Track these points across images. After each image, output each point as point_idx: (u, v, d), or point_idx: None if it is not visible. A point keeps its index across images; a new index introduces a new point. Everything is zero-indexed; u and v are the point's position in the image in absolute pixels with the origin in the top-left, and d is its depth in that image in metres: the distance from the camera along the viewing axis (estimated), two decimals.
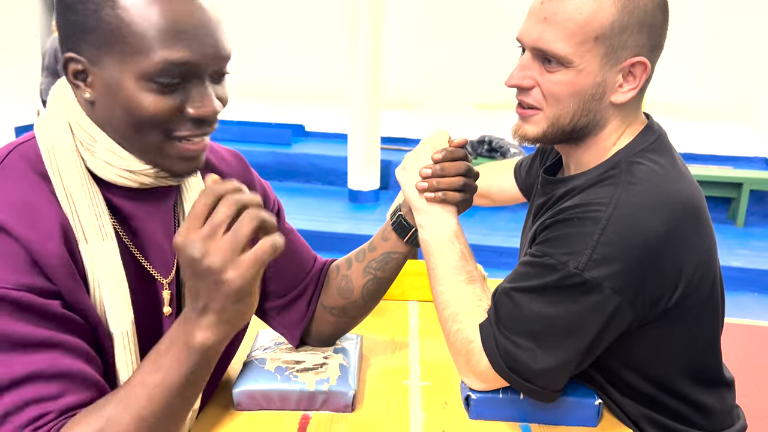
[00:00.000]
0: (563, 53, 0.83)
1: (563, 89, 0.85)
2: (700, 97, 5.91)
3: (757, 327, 3.24)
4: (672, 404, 0.91)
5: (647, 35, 0.84)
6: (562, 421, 0.90)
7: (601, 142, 0.91)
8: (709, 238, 0.88)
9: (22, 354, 0.64)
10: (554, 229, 0.86)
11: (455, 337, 0.90)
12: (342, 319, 1.01)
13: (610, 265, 0.80)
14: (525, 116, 0.91)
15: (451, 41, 6.08)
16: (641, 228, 0.80)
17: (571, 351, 0.83)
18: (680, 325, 0.87)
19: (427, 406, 0.93)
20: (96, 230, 0.71)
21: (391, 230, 0.98)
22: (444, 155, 0.91)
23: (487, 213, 4.71)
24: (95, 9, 0.66)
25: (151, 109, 0.68)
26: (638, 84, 0.86)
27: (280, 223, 0.99)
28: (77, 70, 0.69)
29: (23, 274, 0.65)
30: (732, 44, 5.75)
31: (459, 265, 0.91)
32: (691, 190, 0.87)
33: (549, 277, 0.83)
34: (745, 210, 4.67)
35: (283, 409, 0.91)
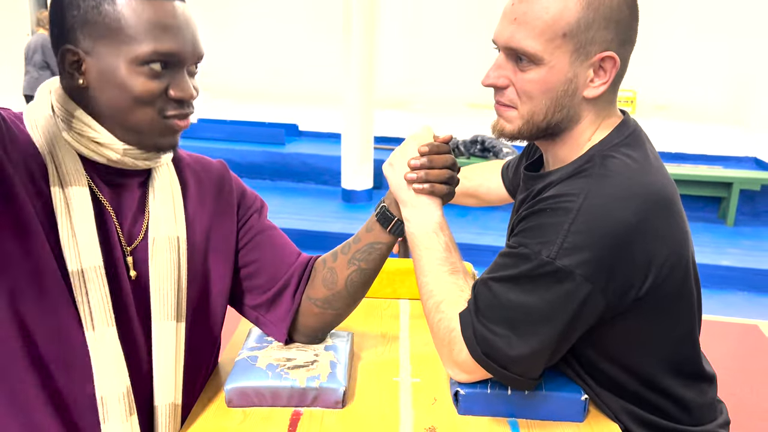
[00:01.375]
0: (533, 51, 0.86)
1: (536, 87, 0.88)
2: (690, 98, 5.95)
3: (746, 325, 3.27)
4: (651, 398, 0.93)
5: (614, 30, 0.86)
6: (550, 416, 0.92)
7: (576, 137, 0.93)
8: (681, 231, 0.89)
9: None
10: (529, 221, 0.88)
11: (438, 326, 0.92)
12: (327, 311, 1.02)
13: (581, 253, 0.82)
14: (501, 112, 0.94)
15: (444, 41, 6.10)
16: (612, 217, 0.82)
17: (546, 338, 0.85)
18: (653, 316, 0.89)
19: (416, 403, 0.95)
20: (73, 176, 0.81)
21: (375, 221, 1.00)
22: (431, 148, 0.94)
23: (479, 213, 4.73)
24: (95, 5, 0.78)
25: (141, 88, 0.80)
26: (609, 78, 0.88)
27: (261, 220, 1.03)
28: (73, 61, 0.81)
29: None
30: (722, 45, 5.80)
31: (443, 257, 0.94)
32: (663, 183, 0.89)
33: (524, 266, 0.85)
34: (735, 209, 4.70)
35: (274, 405, 0.92)
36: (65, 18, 0.79)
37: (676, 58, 5.72)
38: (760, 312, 3.48)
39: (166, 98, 0.83)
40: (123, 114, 0.82)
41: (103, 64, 0.80)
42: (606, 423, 0.93)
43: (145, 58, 0.79)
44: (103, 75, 0.80)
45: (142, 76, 0.80)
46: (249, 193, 1.05)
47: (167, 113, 0.83)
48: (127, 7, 0.79)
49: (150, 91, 0.81)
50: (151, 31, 0.79)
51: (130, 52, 0.79)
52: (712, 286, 3.69)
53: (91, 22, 0.79)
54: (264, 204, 1.06)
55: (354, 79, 4.69)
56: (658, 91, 5.72)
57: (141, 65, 0.80)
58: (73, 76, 0.81)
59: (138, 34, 0.79)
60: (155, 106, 0.82)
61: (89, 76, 0.81)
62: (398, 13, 6.24)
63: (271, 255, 1.02)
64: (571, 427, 0.91)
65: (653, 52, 5.30)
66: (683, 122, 5.93)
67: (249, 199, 1.04)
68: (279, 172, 5.51)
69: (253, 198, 1.05)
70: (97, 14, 0.78)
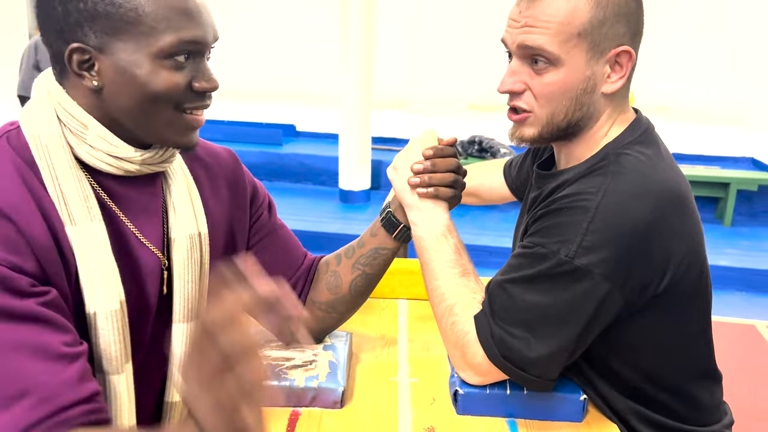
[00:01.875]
0: (551, 50, 0.86)
1: (555, 89, 0.88)
2: (688, 99, 5.96)
3: (744, 325, 3.28)
4: (661, 397, 0.93)
5: (625, 24, 0.87)
6: (548, 416, 0.92)
7: (594, 134, 0.93)
8: (696, 228, 0.90)
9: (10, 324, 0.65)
10: (545, 220, 0.88)
11: (451, 330, 0.91)
12: (330, 315, 1.02)
13: (600, 252, 0.81)
14: (519, 120, 0.93)
15: (443, 42, 6.11)
16: (629, 215, 0.82)
17: (565, 339, 0.84)
18: (669, 314, 0.89)
19: (415, 403, 0.95)
20: (84, 212, 0.73)
21: (380, 226, 0.99)
22: (435, 152, 0.94)
23: (477, 213, 4.73)
24: None
25: (167, 83, 0.73)
26: (625, 72, 0.89)
27: (272, 218, 1.01)
28: (82, 60, 0.72)
29: (16, 255, 0.67)
30: (720, 46, 5.81)
31: (453, 259, 0.93)
32: (677, 180, 0.89)
33: (541, 266, 0.84)
34: (733, 210, 4.72)
35: (272, 405, 0.92)
36: (68, 13, 0.70)
37: (674, 60, 5.73)
38: (757, 312, 3.49)
39: (189, 92, 0.75)
40: (142, 115, 0.74)
41: (120, 61, 0.71)
42: (605, 423, 0.93)
43: (170, 50, 0.71)
44: (121, 73, 0.72)
45: (167, 70, 0.72)
46: (260, 188, 1.02)
47: (187, 107, 0.76)
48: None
49: (177, 86, 0.73)
50: (173, 18, 0.71)
51: (152, 45, 0.71)
52: None
53: (102, 15, 0.70)
54: (272, 200, 1.04)
55: (352, 79, 4.69)
56: (656, 92, 5.73)
57: (165, 58, 0.72)
58: (84, 77, 0.73)
59: (159, 24, 0.71)
60: (175, 100, 0.75)
61: (104, 76, 0.72)
62: (397, 12, 6.24)
63: (279, 256, 1.00)
64: (569, 427, 0.91)
65: (652, 53, 5.31)
66: (681, 123, 5.94)
67: (260, 195, 1.01)
68: (276, 173, 5.50)
69: (263, 194, 1.02)
70: (108, 5, 0.69)
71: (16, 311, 0.65)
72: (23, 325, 0.65)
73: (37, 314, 0.66)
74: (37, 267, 0.68)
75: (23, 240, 0.67)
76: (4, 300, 0.64)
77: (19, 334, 0.64)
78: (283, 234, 1.02)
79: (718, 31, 5.75)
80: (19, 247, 0.67)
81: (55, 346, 0.65)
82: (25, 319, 0.65)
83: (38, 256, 0.68)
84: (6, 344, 0.64)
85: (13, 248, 0.66)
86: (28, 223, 0.68)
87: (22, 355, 0.64)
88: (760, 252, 4.20)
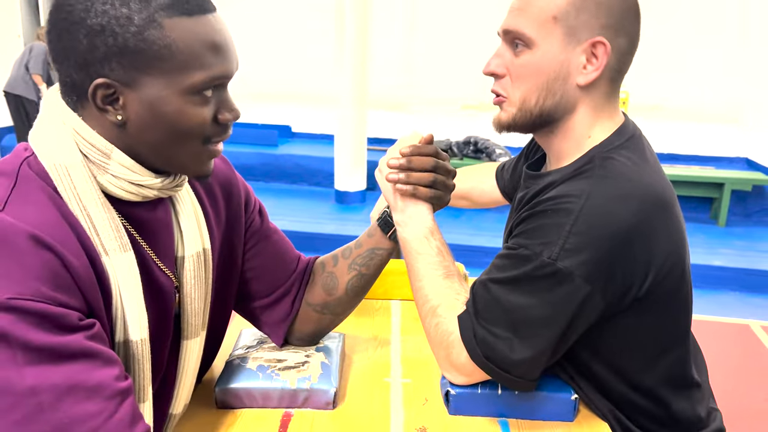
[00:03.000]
0: (525, 32, 0.89)
1: (527, 70, 0.90)
2: (683, 98, 5.98)
3: (738, 325, 3.29)
4: (641, 402, 0.93)
5: (605, 16, 0.87)
6: (540, 415, 0.92)
7: (574, 130, 0.93)
8: (679, 232, 0.90)
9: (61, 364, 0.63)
10: (529, 222, 0.88)
11: (435, 330, 0.92)
12: (326, 316, 1.02)
13: (581, 254, 0.82)
14: (498, 104, 0.96)
15: (438, 43, 6.11)
16: (612, 218, 0.83)
17: (547, 340, 0.85)
18: (649, 317, 0.89)
19: (407, 403, 0.95)
20: (116, 243, 0.71)
21: (377, 227, 1.00)
22: (412, 150, 0.94)
23: (473, 214, 4.74)
24: (139, 30, 0.67)
25: (196, 119, 0.72)
26: (600, 65, 0.89)
27: (263, 223, 1.00)
28: (107, 95, 0.69)
29: (62, 291, 0.65)
30: (715, 46, 5.83)
31: (436, 261, 0.93)
32: (662, 185, 0.89)
33: (524, 267, 0.85)
34: (727, 210, 4.73)
35: (264, 406, 0.92)
36: (94, 47, 0.67)
37: (669, 59, 5.75)
38: (751, 312, 3.50)
39: (214, 124, 0.75)
40: (168, 148, 0.73)
41: (148, 97, 0.69)
42: (596, 422, 0.93)
43: (200, 86, 0.70)
44: (148, 109, 0.70)
45: (195, 105, 0.71)
46: (251, 193, 1.01)
47: (213, 139, 0.76)
48: (175, 30, 0.68)
49: (204, 121, 0.73)
50: (204, 55, 0.70)
51: (183, 82, 0.70)
52: (704, 286, 3.71)
53: (134, 51, 0.67)
54: (263, 208, 1.03)
55: (347, 79, 4.69)
56: (651, 92, 5.75)
57: (194, 94, 0.71)
58: (108, 111, 0.70)
59: (191, 60, 0.69)
60: (203, 134, 0.74)
61: (129, 111, 0.70)
62: (392, 13, 6.25)
63: (273, 261, 1.00)
64: (561, 426, 0.91)
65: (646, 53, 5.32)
66: (675, 123, 5.96)
67: (252, 200, 1.00)
68: (272, 174, 5.50)
69: (254, 199, 1.01)
70: (140, 41, 0.67)
71: (67, 349, 0.63)
72: (75, 363, 0.63)
73: (88, 350, 0.64)
74: (82, 301, 0.66)
75: (68, 274, 0.65)
76: (54, 339, 0.62)
77: (72, 373, 0.62)
78: (277, 239, 1.02)
79: (711, 31, 5.77)
80: (66, 282, 0.65)
81: (107, 384, 0.64)
82: (76, 356, 0.63)
83: (83, 289, 0.67)
84: (61, 386, 0.62)
85: (59, 284, 0.64)
86: (72, 255, 0.66)
87: (78, 398, 0.62)
88: (755, 252, 4.21)
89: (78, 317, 0.65)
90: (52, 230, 0.66)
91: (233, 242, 0.95)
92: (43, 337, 0.61)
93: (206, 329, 0.89)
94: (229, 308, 0.98)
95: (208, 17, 0.71)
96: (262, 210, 1.02)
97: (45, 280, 0.63)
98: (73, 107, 0.72)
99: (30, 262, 0.63)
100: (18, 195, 0.68)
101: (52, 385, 0.61)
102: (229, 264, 0.95)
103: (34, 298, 0.62)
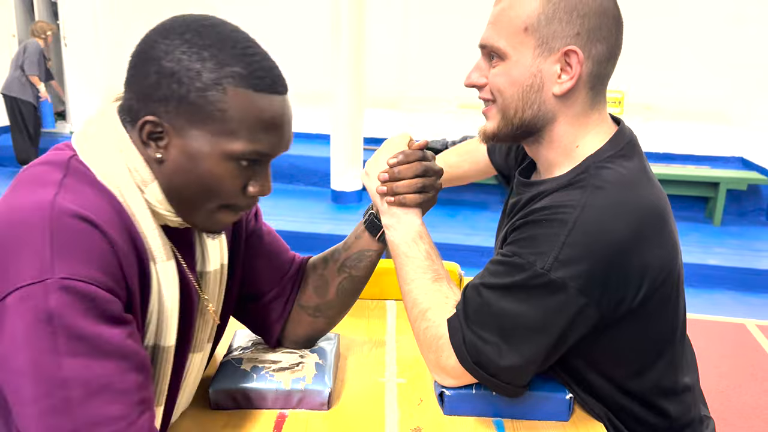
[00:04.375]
0: (498, 45, 0.89)
1: (502, 81, 0.90)
2: (678, 98, 5.99)
3: (733, 324, 3.30)
4: (633, 406, 0.93)
5: (578, 25, 0.86)
6: (534, 415, 0.92)
7: (560, 140, 0.92)
8: (673, 243, 0.90)
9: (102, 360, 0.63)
10: (524, 230, 0.88)
11: (425, 334, 0.92)
12: (319, 319, 1.02)
13: (576, 266, 0.81)
14: (485, 113, 0.96)
15: (434, 42, 6.11)
16: (607, 230, 0.82)
17: (536, 348, 0.85)
18: (642, 326, 0.89)
19: (402, 403, 0.95)
20: (161, 252, 0.74)
21: (364, 229, 0.99)
22: (399, 159, 0.94)
23: (469, 213, 4.74)
24: (203, 87, 0.69)
25: (227, 183, 0.73)
26: (575, 74, 0.87)
27: (258, 223, 1.00)
28: (153, 131, 0.72)
29: (112, 278, 0.66)
30: (709, 45, 5.84)
31: (425, 264, 0.93)
32: (657, 195, 0.89)
33: (517, 276, 0.84)
34: (722, 209, 4.74)
35: (259, 408, 0.92)
36: (159, 86, 0.70)
37: (664, 59, 5.76)
38: (746, 311, 3.51)
39: (241, 193, 0.76)
40: (190, 200, 0.74)
41: (190, 147, 0.71)
42: (591, 422, 0.93)
43: (239, 155, 0.72)
44: (186, 157, 0.72)
45: (228, 170, 0.73)
46: None
47: (233, 206, 0.77)
48: (236, 99, 0.70)
49: (232, 187, 0.74)
50: (254, 128, 0.72)
51: (225, 146, 0.71)
52: (699, 285, 3.72)
53: (191, 102, 0.70)
54: (258, 208, 1.03)
55: (343, 79, 4.68)
56: (646, 92, 5.76)
57: (230, 160, 0.72)
58: (150, 146, 0.73)
59: (240, 130, 0.71)
60: (228, 201, 0.76)
61: (169, 153, 0.72)
62: (388, 12, 6.24)
63: (269, 262, 0.99)
64: (556, 426, 0.91)
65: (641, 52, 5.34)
66: (670, 122, 5.97)
67: None
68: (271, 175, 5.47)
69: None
70: (200, 97, 0.70)
71: (107, 345, 0.63)
72: (111, 361, 0.63)
73: (126, 350, 0.64)
74: (125, 293, 0.67)
75: (118, 262, 0.66)
76: (97, 329, 0.63)
77: (106, 372, 0.63)
78: (271, 239, 1.01)
79: (705, 29, 5.79)
80: (115, 270, 0.66)
81: (135, 390, 0.64)
82: (113, 354, 0.63)
83: (128, 281, 0.68)
84: (93, 384, 0.62)
85: (109, 270, 0.65)
86: (123, 246, 0.68)
87: (107, 399, 0.62)
88: (750, 251, 4.23)
89: (120, 306, 0.66)
90: (106, 217, 0.68)
91: (236, 249, 0.95)
92: (88, 325, 0.62)
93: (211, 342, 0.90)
94: (227, 318, 0.98)
95: (274, 97, 0.73)
96: (257, 212, 1.01)
97: (98, 264, 0.64)
98: (124, 126, 0.74)
99: (84, 244, 0.64)
100: (71, 182, 0.70)
101: (85, 381, 0.61)
102: (233, 272, 0.95)
103: (86, 279, 0.63)
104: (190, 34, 0.70)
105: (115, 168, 0.73)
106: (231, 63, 0.70)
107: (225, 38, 0.71)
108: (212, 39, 0.71)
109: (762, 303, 3.68)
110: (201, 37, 0.70)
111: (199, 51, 0.70)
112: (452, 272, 1.29)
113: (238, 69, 0.70)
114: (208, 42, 0.70)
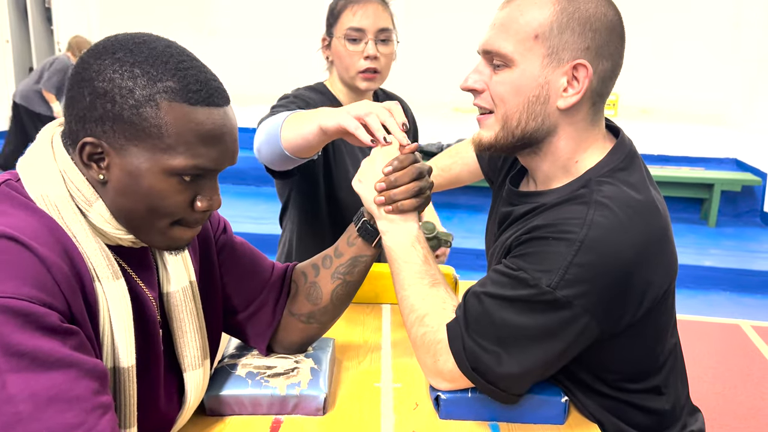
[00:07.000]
0: (505, 51, 0.86)
1: (507, 88, 0.87)
2: (672, 100, 6.02)
3: (728, 325, 3.30)
4: (626, 408, 0.94)
5: (590, 39, 0.85)
6: (530, 419, 0.92)
7: (559, 154, 0.91)
8: (673, 257, 0.91)
9: (44, 372, 0.62)
10: (529, 245, 0.87)
11: (422, 340, 0.91)
12: (312, 325, 1.01)
13: (582, 285, 0.81)
14: (481, 122, 0.93)
15: (430, 44, 6.12)
16: (613, 251, 0.82)
17: (536, 360, 0.85)
18: (639, 335, 0.89)
19: (398, 408, 0.95)
20: (107, 270, 0.72)
21: (357, 236, 0.99)
22: (394, 167, 0.92)
23: (464, 216, 4.74)
24: (136, 105, 0.69)
25: (171, 199, 0.73)
26: (582, 89, 0.86)
27: (227, 236, 0.99)
28: (94, 153, 0.71)
29: (44, 291, 0.65)
30: (704, 47, 5.87)
31: (422, 269, 0.93)
32: (660, 210, 0.88)
33: (522, 290, 0.84)
34: (717, 210, 4.76)
35: (254, 413, 0.92)
36: (94, 107, 0.70)
37: (658, 61, 5.78)
38: (741, 312, 3.52)
39: (189, 209, 0.75)
40: (139, 219, 0.74)
41: (130, 165, 0.71)
42: (586, 425, 0.93)
43: (179, 170, 0.71)
44: (128, 176, 0.71)
45: (171, 187, 0.72)
46: (215, 215, 1.00)
47: (184, 222, 0.76)
48: (171, 114, 0.69)
49: (177, 203, 0.73)
50: (193, 144, 0.71)
51: (165, 162, 0.70)
52: (694, 287, 3.73)
53: (126, 121, 0.69)
54: (227, 223, 1.01)
55: None
56: (641, 94, 5.78)
57: (172, 176, 0.72)
58: (91, 168, 0.72)
59: (178, 145, 0.70)
60: (176, 218, 0.75)
61: (111, 173, 0.72)
62: None
63: (246, 270, 0.99)
64: (551, 429, 0.91)
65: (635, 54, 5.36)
66: (666, 124, 5.99)
67: (216, 217, 0.99)
68: (263, 178, 5.44)
69: (217, 216, 1.00)
70: (135, 115, 0.69)
71: (49, 357, 0.62)
72: (56, 372, 0.62)
73: (70, 359, 0.63)
74: (65, 305, 0.66)
75: (50, 276, 0.65)
76: (37, 342, 0.61)
77: (52, 383, 0.62)
78: (245, 249, 1.00)
79: (700, 32, 5.81)
80: (47, 283, 0.65)
81: (87, 396, 0.64)
82: (57, 365, 0.62)
83: (66, 294, 0.67)
84: (41, 396, 0.61)
85: (40, 284, 0.64)
86: (56, 259, 0.67)
87: (58, 409, 0.61)
88: (745, 252, 4.25)
89: (59, 318, 0.64)
90: (37, 236, 0.67)
91: (209, 265, 0.94)
92: (25, 339, 0.61)
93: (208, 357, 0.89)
94: (219, 330, 0.97)
95: (212, 110, 0.72)
96: (226, 225, 1.00)
97: (29, 281, 0.63)
98: (66, 148, 0.74)
99: (12, 263, 0.63)
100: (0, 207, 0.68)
101: (32, 394, 0.60)
102: (211, 288, 0.94)
103: (17, 296, 0.62)
104: (122, 52, 0.70)
105: (53, 190, 0.72)
106: (163, 78, 0.69)
107: (158, 54, 0.71)
108: (144, 55, 0.70)
109: (757, 304, 3.69)
110: (133, 54, 0.70)
111: (131, 68, 0.69)
112: (448, 276, 1.29)
113: (171, 83, 0.70)
114: (140, 59, 0.70)
